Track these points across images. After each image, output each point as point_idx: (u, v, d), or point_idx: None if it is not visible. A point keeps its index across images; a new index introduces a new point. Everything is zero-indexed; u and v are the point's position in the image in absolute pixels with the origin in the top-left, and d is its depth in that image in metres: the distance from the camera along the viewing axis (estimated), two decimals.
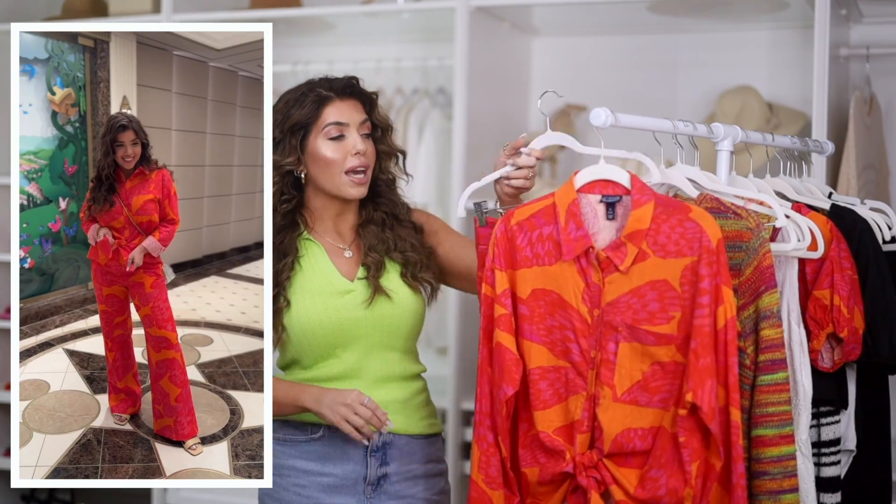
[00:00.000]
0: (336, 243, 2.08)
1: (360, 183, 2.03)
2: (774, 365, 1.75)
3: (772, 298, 1.74)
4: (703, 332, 1.66)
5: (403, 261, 2.06)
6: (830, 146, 2.47)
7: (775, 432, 1.74)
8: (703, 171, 1.94)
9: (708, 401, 1.65)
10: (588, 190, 1.79)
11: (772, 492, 1.74)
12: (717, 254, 1.68)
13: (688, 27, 3.56)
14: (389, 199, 2.11)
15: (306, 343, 2.01)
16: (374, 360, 2.03)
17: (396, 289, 2.04)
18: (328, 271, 2.04)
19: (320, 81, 2.05)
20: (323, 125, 2.01)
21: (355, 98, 2.05)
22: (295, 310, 2.00)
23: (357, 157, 2.01)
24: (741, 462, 1.66)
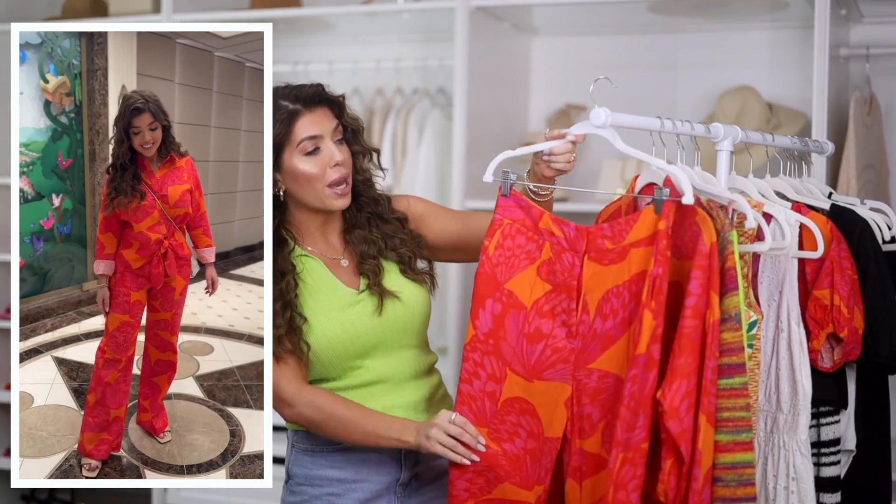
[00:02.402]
0: (330, 254, 2.05)
1: (344, 194, 1.99)
2: (732, 369, 1.67)
3: (731, 301, 1.69)
4: (684, 332, 1.64)
5: (398, 258, 2.05)
6: (830, 146, 2.47)
7: (730, 438, 1.66)
8: (702, 171, 1.93)
9: (671, 400, 1.62)
10: (646, 192, 1.84)
11: (725, 499, 1.66)
12: (708, 258, 1.67)
13: (688, 27, 3.56)
14: (370, 198, 2.08)
15: (327, 360, 1.98)
16: (396, 361, 2.02)
17: (401, 287, 2.03)
18: (333, 285, 2.01)
19: (285, 92, 1.98)
20: (297, 141, 1.95)
21: (324, 105, 1.99)
22: (313, 332, 1.96)
23: (337, 170, 1.97)
24: (699, 466, 1.62)
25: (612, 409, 1.74)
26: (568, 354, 1.80)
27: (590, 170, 3.51)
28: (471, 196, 3.32)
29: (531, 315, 1.82)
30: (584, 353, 1.78)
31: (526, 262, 1.83)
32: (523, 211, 1.85)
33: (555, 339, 1.80)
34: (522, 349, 1.82)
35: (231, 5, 3.94)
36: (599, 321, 1.77)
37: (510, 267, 1.83)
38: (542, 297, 1.82)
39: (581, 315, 1.78)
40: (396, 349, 2.02)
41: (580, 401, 1.78)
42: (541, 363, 1.81)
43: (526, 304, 1.82)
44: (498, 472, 1.84)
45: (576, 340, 1.79)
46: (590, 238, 1.79)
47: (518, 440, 1.83)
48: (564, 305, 1.81)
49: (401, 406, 2.00)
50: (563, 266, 1.81)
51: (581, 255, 1.79)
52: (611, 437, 1.71)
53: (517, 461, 1.83)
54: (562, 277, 1.81)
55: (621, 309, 1.74)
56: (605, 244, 1.77)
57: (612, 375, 1.75)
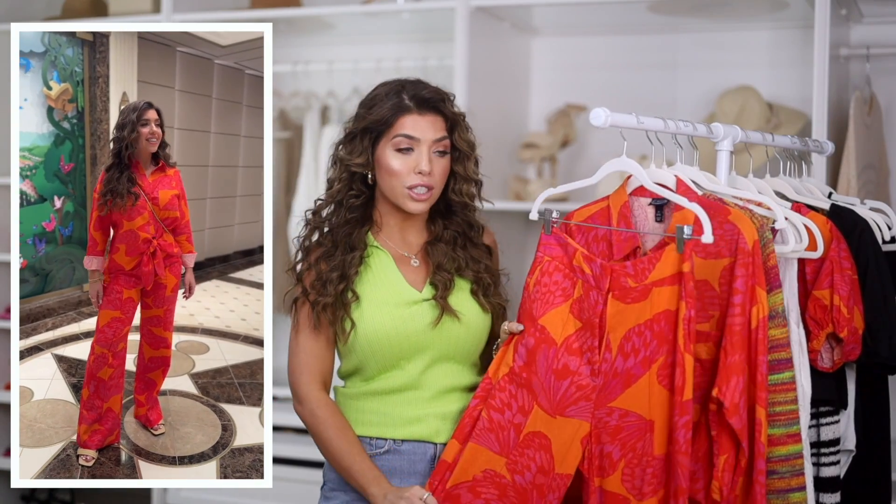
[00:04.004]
0: (402, 251, 2.03)
1: (421, 199, 1.96)
2: (780, 364, 1.76)
3: (777, 298, 1.76)
4: (734, 330, 1.69)
5: (475, 279, 2.02)
6: (830, 146, 2.47)
7: (783, 431, 1.76)
8: (702, 171, 1.94)
9: (731, 397, 1.67)
10: (640, 193, 1.85)
11: (780, 490, 1.76)
12: (752, 255, 1.71)
13: (688, 27, 3.56)
14: (463, 220, 2.05)
15: (371, 353, 1.96)
16: (437, 371, 1.99)
17: (465, 308, 1.99)
18: (395, 280, 1.99)
19: (412, 84, 1.98)
20: (394, 134, 1.95)
21: (437, 114, 1.97)
22: (363, 318, 1.95)
23: (419, 177, 1.94)
24: (762, 459, 1.68)
25: (632, 447, 1.76)
26: (590, 392, 1.81)
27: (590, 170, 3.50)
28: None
29: (561, 351, 1.83)
30: (606, 392, 1.79)
31: (561, 299, 1.85)
32: (562, 248, 1.87)
33: (580, 376, 1.81)
34: (550, 384, 1.83)
35: (231, 5, 3.94)
36: (621, 359, 1.78)
37: (545, 303, 1.86)
38: (573, 334, 1.83)
39: (604, 353, 1.80)
40: (443, 360, 1.99)
41: (600, 439, 1.80)
42: (565, 399, 1.82)
43: (557, 341, 1.84)
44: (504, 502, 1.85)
45: (598, 378, 1.80)
46: (613, 276, 1.80)
47: (528, 473, 1.84)
48: (589, 343, 1.82)
49: (436, 415, 1.98)
50: (589, 304, 1.82)
51: (605, 292, 1.81)
52: (632, 476, 1.74)
53: (524, 493, 1.84)
54: (588, 315, 1.82)
55: (643, 348, 1.76)
56: (627, 282, 1.78)
57: (632, 414, 1.77)
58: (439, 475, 1.88)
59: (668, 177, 1.86)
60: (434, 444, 1.97)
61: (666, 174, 1.87)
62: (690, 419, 1.68)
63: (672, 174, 1.85)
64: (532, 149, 3.53)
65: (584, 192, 3.30)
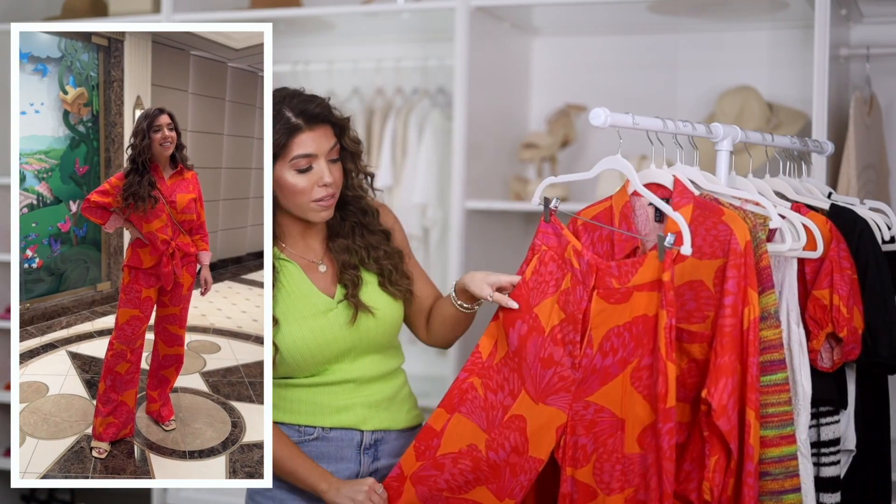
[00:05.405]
0: (308, 258, 2.08)
1: (327, 207, 2.01)
2: (773, 366, 1.76)
3: (769, 299, 1.75)
4: (724, 331, 1.69)
5: (379, 270, 2.08)
6: (830, 146, 2.47)
7: (776, 433, 1.75)
8: (701, 171, 1.94)
9: (719, 399, 1.67)
10: (639, 193, 1.86)
11: (774, 492, 1.76)
12: (744, 256, 1.71)
13: (688, 27, 3.56)
14: (357, 208, 2.10)
15: (294, 363, 2.03)
16: (361, 364, 2.07)
17: (377, 303, 2.06)
18: (307, 291, 2.05)
19: (292, 103, 1.96)
20: (291, 156, 1.96)
21: (327, 124, 1.99)
22: (284, 340, 2.01)
23: (324, 189, 1.98)
24: (751, 461, 1.68)
25: (604, 443, 1.79)
26: (570, 384, 1.83)
27: None
28: (470, 196, 3.33)
29: (547, 341, 1.86)
30: (584, 386, 1.82)
31: (553, 289, 1.88)
32: (557, 238, 1.90)
33: (562, 367, 1.84)
34: (537, 372, 1.86)
35: (231, 5, 3.94)
36: (600, 357, 1.80)
37: (540, 292, 1.89)
38: (558, 324, 1.86)
39: (585, 348, 1.82)
40: (364, 354, 2.07)
41: (575, 430, 1.83)
42: (548, 388, 1.85)
43: (545, 329, 1.86)
44: (478, 476, 1.91)
45: (578, 372, 1.82)
46: (599, 274, 1.81)
47: (502, 451, 1.89)
48: (571, 337, 1.84)
49: (363, 404, 2.06)
50: (575, 298, 1.85)
51: (590, 289, 1.82)
52: (601, 471, 1.78)
53: (497, 469, 1.89)
54: (571, 309, 1.85)
55: (621, 348, 1.78)
56: (612, 283, 1.79)
57: (606, 410, 1.80)
58: (425, 441, 1.96)
59: (665, 177, 1.86)
60: (361, 430, 2.06)
61: (664, 174, 1.87)
62: (674, 426, 1.69)
63: (670, 174, 1.86)
64: (532, 149, 3.54)
65: (583, 190, 3.31)
